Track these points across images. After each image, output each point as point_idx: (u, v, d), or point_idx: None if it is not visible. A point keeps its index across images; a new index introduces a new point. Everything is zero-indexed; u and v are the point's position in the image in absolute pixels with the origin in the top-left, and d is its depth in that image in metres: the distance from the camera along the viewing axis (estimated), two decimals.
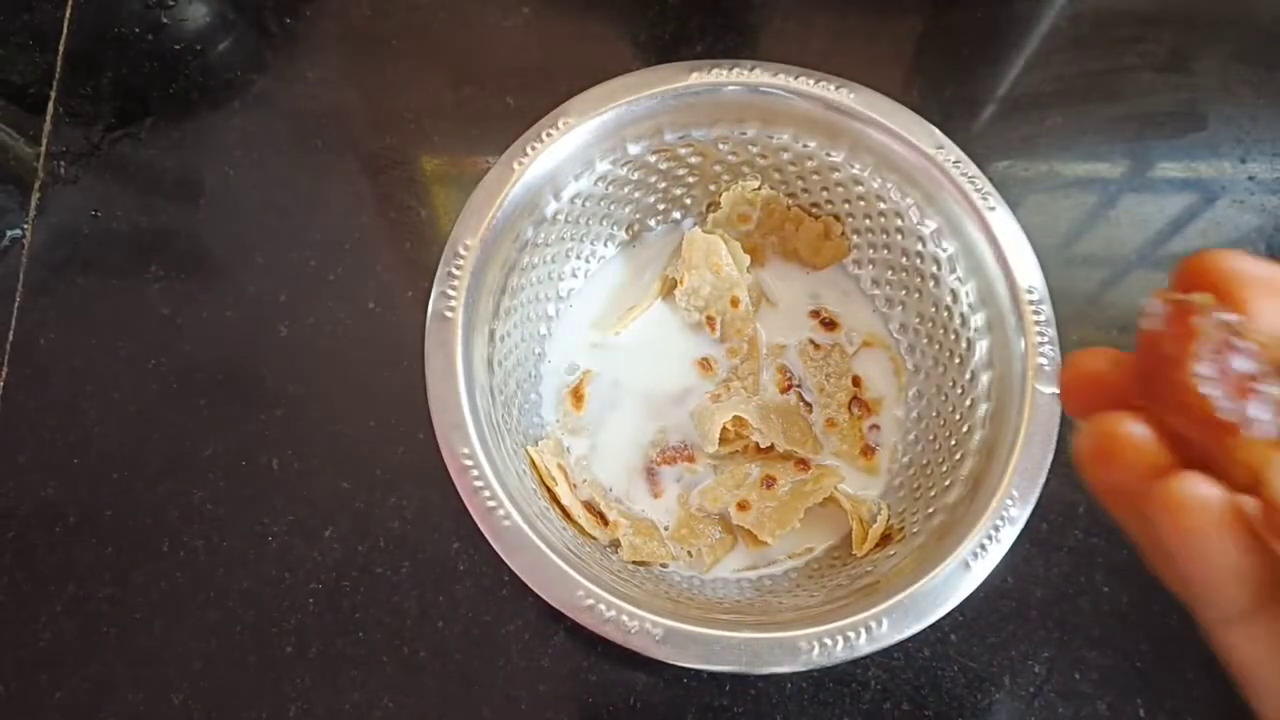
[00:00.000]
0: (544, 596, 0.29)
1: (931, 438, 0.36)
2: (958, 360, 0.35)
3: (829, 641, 0.28)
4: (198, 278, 0.42)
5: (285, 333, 0.41)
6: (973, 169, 0.35)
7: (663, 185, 0.40)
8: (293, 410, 0.39)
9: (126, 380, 0.40)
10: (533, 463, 0.35)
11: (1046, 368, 0.31)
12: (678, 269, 0.40)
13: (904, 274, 0.38)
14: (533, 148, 0.35)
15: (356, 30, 0.48)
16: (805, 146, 0.37)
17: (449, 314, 0.32)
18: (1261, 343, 0.13)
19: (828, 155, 0.37)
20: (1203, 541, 0.13)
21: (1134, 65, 0.49)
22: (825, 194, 0.39)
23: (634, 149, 0.37)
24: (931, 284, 0.37)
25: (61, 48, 0.46)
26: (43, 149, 0.44)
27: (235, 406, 0.40)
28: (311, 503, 0.38)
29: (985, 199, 0.34)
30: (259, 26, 0.48)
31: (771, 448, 0.37)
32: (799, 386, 0.39)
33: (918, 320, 0.38)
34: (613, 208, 0.40)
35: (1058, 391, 0.15)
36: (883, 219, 0.38)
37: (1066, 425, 0.30)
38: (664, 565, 0.36)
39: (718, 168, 0.39)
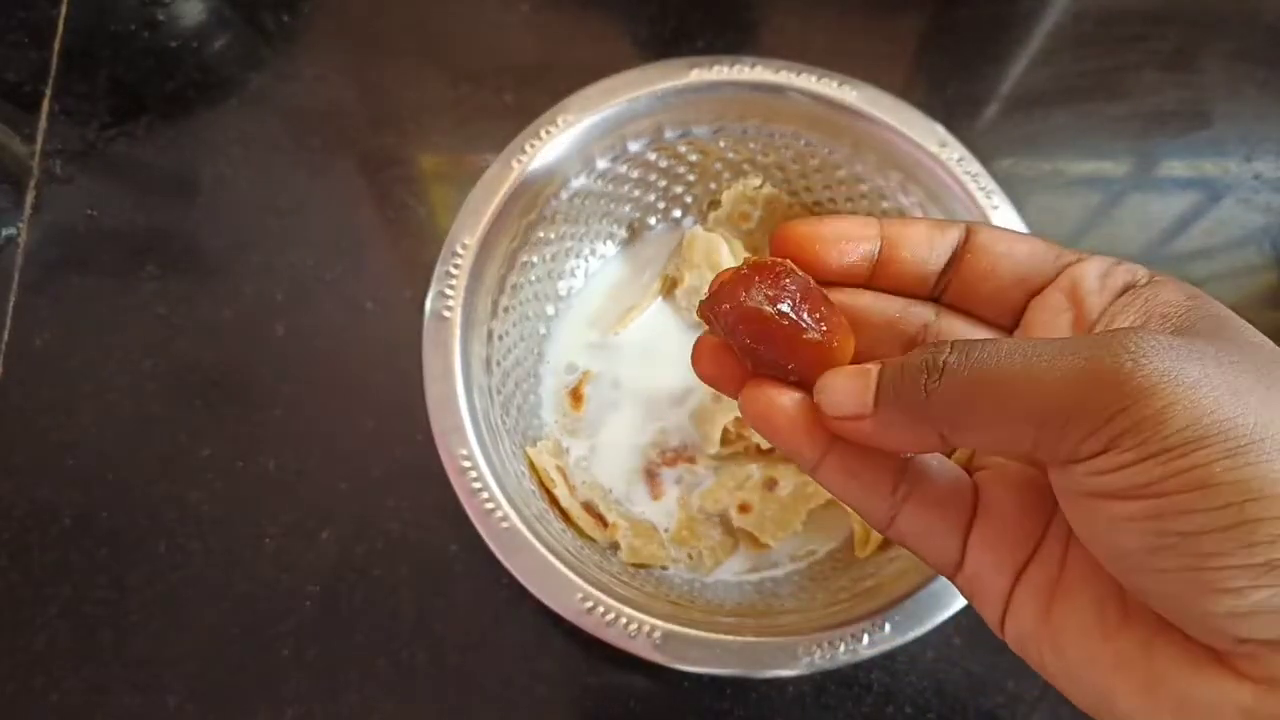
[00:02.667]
0: (543, 599, 0.28)
1: None
2: None
3: (831, 645, 0.28)
4: (194, 277, 0.42)
5: (282, 333, 0.41)
6: (976, 167, 0.34)
7: (663, 183, 0.40)
8: (289, 411, 0.39)
9: (122, 380, 0.40)
10: (531, 464, 0.34)
11: None
12: (678, 268, 0.39)
13: None
14: (531, 145, 0.34)
15: (354, 27, 0.48)
16: (807, 144, 0.37)
17: (447, 313, 0.32)
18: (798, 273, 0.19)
19: (829, 153, 0.37)
20: (772, 422, 0.19)
21: (1139, 63, 0.48)
22: (827, 192, 0.39)
23: (634, 146, 0.37)
24: None
25: (57, 45, 0.46)
26: (38, 147, 0.44)
27: (232, 407, 0.39)
28: (308, 504, 0.38)
29: (989, 197, 0.34)
30: (256, 24, 0.47)
31: (773, 449, 0.37)
32: None
33: None
34: (612, 206, 0.39)
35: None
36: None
37: None
38: (664, 568, 0.35)
39: (718, 165, 0.39)
